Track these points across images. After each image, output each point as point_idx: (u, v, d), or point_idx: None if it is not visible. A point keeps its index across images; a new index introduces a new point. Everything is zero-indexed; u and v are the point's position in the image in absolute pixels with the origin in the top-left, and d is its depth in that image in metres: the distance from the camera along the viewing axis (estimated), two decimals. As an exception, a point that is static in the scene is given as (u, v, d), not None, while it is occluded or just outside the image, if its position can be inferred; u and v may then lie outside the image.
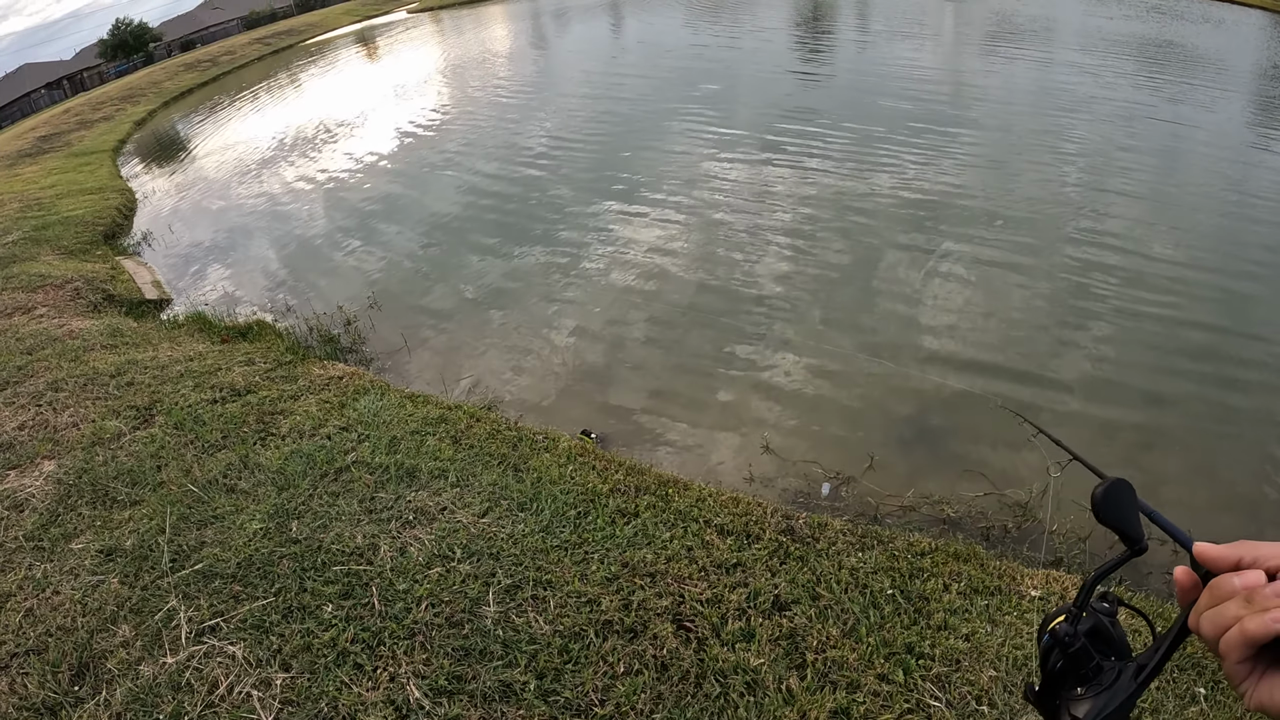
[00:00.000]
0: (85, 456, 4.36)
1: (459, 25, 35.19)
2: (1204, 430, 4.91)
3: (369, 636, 2.92)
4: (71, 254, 9.42)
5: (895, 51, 17.72)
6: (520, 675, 2.73)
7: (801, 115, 12.43)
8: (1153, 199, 8.49)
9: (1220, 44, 18.69)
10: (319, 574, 3.27)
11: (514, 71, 20.62)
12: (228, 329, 6.52)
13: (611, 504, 3.66)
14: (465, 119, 15.15)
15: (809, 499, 4.34)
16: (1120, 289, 6.47)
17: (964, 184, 8.99)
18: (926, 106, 12.47)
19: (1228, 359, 5.56)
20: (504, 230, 8.98)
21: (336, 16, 50.69)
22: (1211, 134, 11.03)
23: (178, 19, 65.50)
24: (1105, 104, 12.31)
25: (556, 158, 11.64)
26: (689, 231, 8.28)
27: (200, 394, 4.98)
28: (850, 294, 6.72)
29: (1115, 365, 5.52)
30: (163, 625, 3.08)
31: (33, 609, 3.27)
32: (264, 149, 15.64)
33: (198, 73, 33.76)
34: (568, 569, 3.23)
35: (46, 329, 6.49)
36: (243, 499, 3.85)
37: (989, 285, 6.67)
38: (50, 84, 53.02)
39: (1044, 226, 7.78)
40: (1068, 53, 16.73)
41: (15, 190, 14.27)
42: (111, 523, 3.76)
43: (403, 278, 8.07)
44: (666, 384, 5.64)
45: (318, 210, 11.05)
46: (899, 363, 5.62)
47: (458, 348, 6.41)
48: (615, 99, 15.25)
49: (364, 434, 4.36)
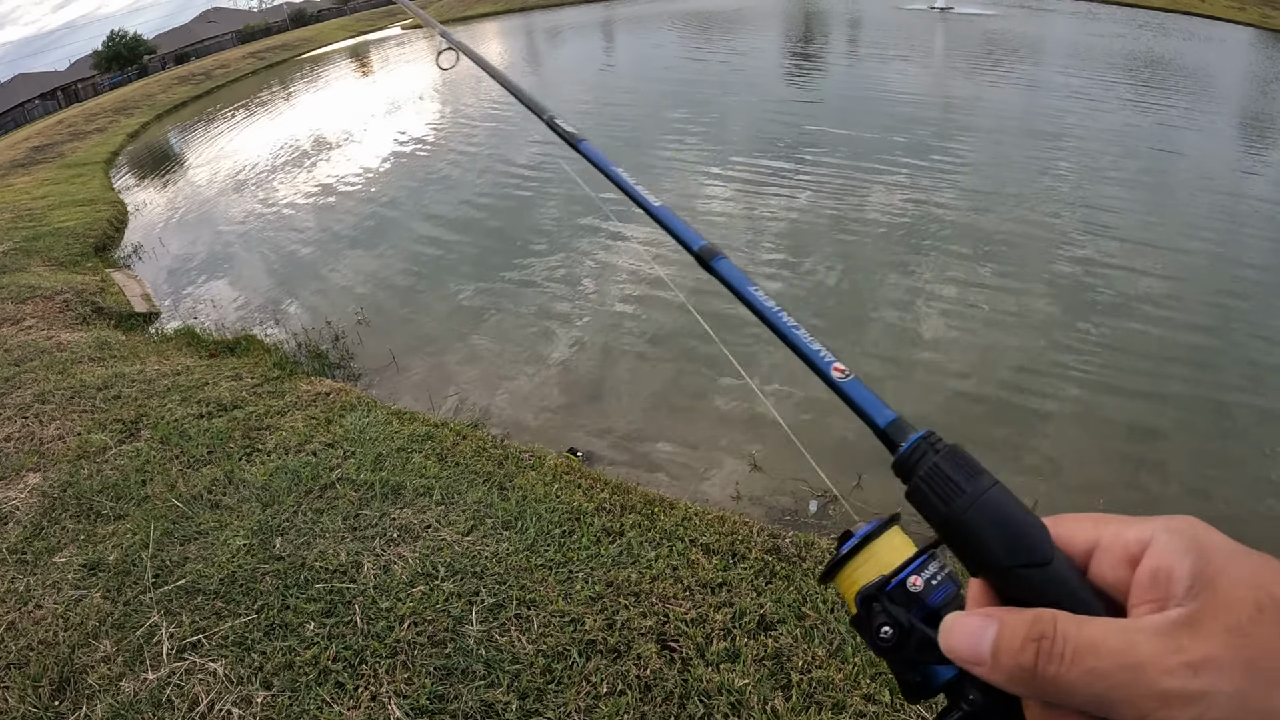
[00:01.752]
0: (71, 470, 4.35)
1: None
2: (1200, 451, 4.94)
3: (351, 655, 2.91)
4: (62, 266, 9.40)
5: (886, 71, 17.86)
6: (503, 695, 2.72)
7: (793, 134, 12.50)
8: (1146, 217, 8.57)
9: (1213, 59, 18.91)
10: (302, 591, 3.26)
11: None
12: (216, 343, 6.51)
13: (597, 523, 3.66)
14: (456, 135, 15.19)
15: (796, 517, 4.34)
16: (1113, 305, 6.52)
17: (955, 203, 9.06)
18: (918, 125, 12.56)
19: (1222, 383, 5.61)
20: (493, 247, 9.00)
21: (330, 32, 50.92)
22: (1202, 151, 11.15)
23: (172, 32, 65.76)
24: (1099, 119, 12.44)
25: (547, 175, 11.67)
26: (678, 250, 8.29)
27: (187, 408, 4.97)
28: (839, 312, 6.75)
29: (1107, 382, 5.56)
30: (144, 641, 3.06)
31: (14, 622, 3.25)
32: (256, 163, 15.65)
33: (191, 86, 33.84)
34: (552, 588, 3.23)
35: (35, 341, 6.48)
36: (227, 515, 3.83)
37: (978, 305, 6.71)
38: (44, 94, 53.09)
39: (1032, 248, 7.84)
40: (1060, 70, 16.91)
41: (7, 201, 14.25)
42: (95, 537, 3.75)
43: (392, 293, 8.08)
44: (654, 403, 5.65)
45: (308, 225, 11.05)
46: (887, 378, 5.64)
47: (445, 364, 6.41)
48: (608, 116, 15.31)
49: (349, 450, 4.36)
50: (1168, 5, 30.88)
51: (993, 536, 0.48)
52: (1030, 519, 0.48)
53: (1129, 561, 0.44)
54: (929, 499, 0.51)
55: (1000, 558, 0.47)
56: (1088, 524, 0.48)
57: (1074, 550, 0.47)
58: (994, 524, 0.48)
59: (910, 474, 0.54)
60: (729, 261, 0.78)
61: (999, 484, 0.50)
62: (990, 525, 0.48)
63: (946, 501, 0.50)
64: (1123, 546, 0.45)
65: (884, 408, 0.60)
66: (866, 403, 0.61)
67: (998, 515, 0.48)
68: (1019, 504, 0.49)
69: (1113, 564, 0.45)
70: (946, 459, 0.52)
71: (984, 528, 0.48)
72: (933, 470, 0.52)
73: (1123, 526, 0.46)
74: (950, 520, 0.49)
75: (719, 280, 0.77)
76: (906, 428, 0.57)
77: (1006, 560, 0.47)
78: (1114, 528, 0.46)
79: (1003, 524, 0.48)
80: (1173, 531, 0.43)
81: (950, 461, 0.52)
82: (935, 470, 0.52)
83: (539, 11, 44.92)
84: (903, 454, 0.55)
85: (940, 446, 0.54)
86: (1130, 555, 0.44)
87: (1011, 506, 0.49)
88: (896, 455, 0.56)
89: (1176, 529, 0.43)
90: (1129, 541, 0.45)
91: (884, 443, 0.59)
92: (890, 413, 0.59)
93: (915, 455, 0.54)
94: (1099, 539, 0.47)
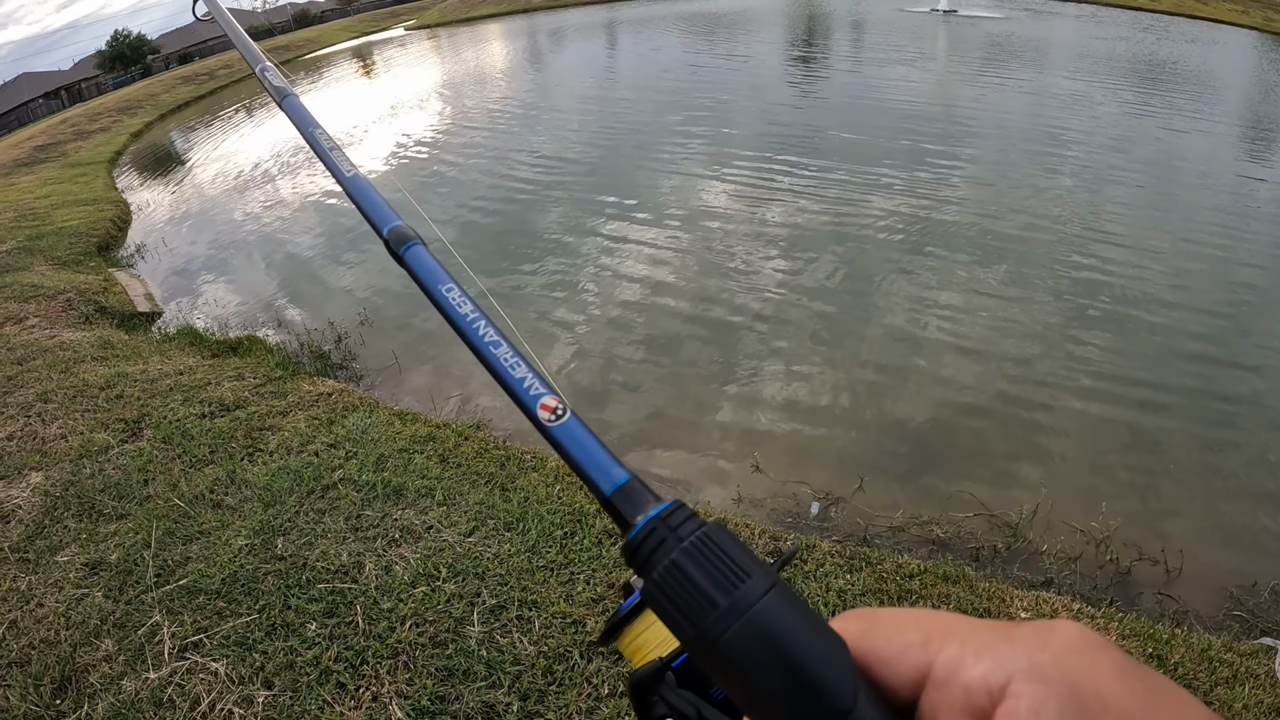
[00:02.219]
0: (73, 469, 4.35)
1: (456, 43, 35.40)
2: (1201, 464, 4.93)
3: (352, 655, 2.92)
4: (65, 265, 9.41)
5: (889, 74, 17.87)
6: (504, 696, 2.72)
7: (798, 137, 12.51)
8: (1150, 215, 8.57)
9: (1216, 63, 18.90)
10: (303, 591, 3.27)
11: (508, 90, 20.71)
12: (218, 343, 6.51)
13: (599, 524, 3.66)
14: (458, 136, 15.19)
15: (798, 519, 4.34)
16: (1115, 312, 6.52)
17: (957, 208, 9.06)
18: (921, 129, 12.56)
19: (1225, 394, 5.61)
20: (495, 248, 9.00)
21: (334, 33, 51.04)
22: (1205, 155, 11.14)
23: (176, 32, 65.84)
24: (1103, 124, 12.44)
25: (549, 177, 11.68)
26: (682, 255, 8.32)
27: (189, 408, 4.98)
28: (843, 316, 6.75)
29: (1109, 390, 5.56)
30: (146, 640, 3.07)
31: (16, 621, 3.25)
32: (259, 163, 15.66)
33: (195, 86, 33.90)
34: (553, 589, 3.23)
35: (37, 340, 6.49)
36: (229, 515, 3.84)
37: (983, 308, 6.70)
38: (48, 94, 53.22)
39: (1036, 255, 7.83)
40: (1066, 74, 16.90)
41: (10, 200, 14.27)
42: (97, 536, 3.76)
43: (395, 294, 8.07)
44: (656, 404, 5.65)
45: (311, 225, 11.07)
46: (890, 383, 5.64)
47: (447, 365, 6.41)
48: (610, 118, 15.33)
49: (352, 451, 4.36)
50: (1171, 8, 30.93)
51: (765, 677, 0.33)
52: (821, 646, 0.34)
53: (971, 715, 0.30)
54: (668, 611, 0.36)
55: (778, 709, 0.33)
56: (913, 636, 0.34)
57: (896, 673, 0.34)
58: (766, 659, 0.33)
59: (644, 568, 0.38)
60: (426, 251, 0.65)
61: (777, 585, 0.35)
62: (760, 659, 0.33)
63: (692, 619, 0.35)
64: (963, 690, 0.31)
65: (613, 464, 0.46)
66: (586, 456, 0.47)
67: (771, 644, 0.33)
68: (806, 617, 0.35)
69: (950, 711, 0.31)
70: (695, 552, 0.37)
71: (750, 661, 0.33)
72: (672, 570, 0.36)
73: (965, 653, 0.32)
74: (699, 645, 0.35)
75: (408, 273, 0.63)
76: (643, 496, 0.43)
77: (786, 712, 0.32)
78: (952, 652, 0.32)
79: (779, 660, 0.33)
80: (1038, 682, 0.29)
81: (700, 556, 0.36)
82: (675, 570, 0.36)
83: (542, 13, 45.00)
84: (633, 538, 0.40)
85: (686, 530, 0.38)
86: (973, 707, 0.30)
87: (792, 628, 0.34)
88: (626, 537, 0.41)
89: (1044, 677, 0.29)
90: (971, 685, 0.31)
91: (611, 515, 0.44)
92: (621, 471, 0.45)
93: (650, 542, 0.39)
94: (930, 666, 0.33)
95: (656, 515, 0.40)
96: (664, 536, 0.38)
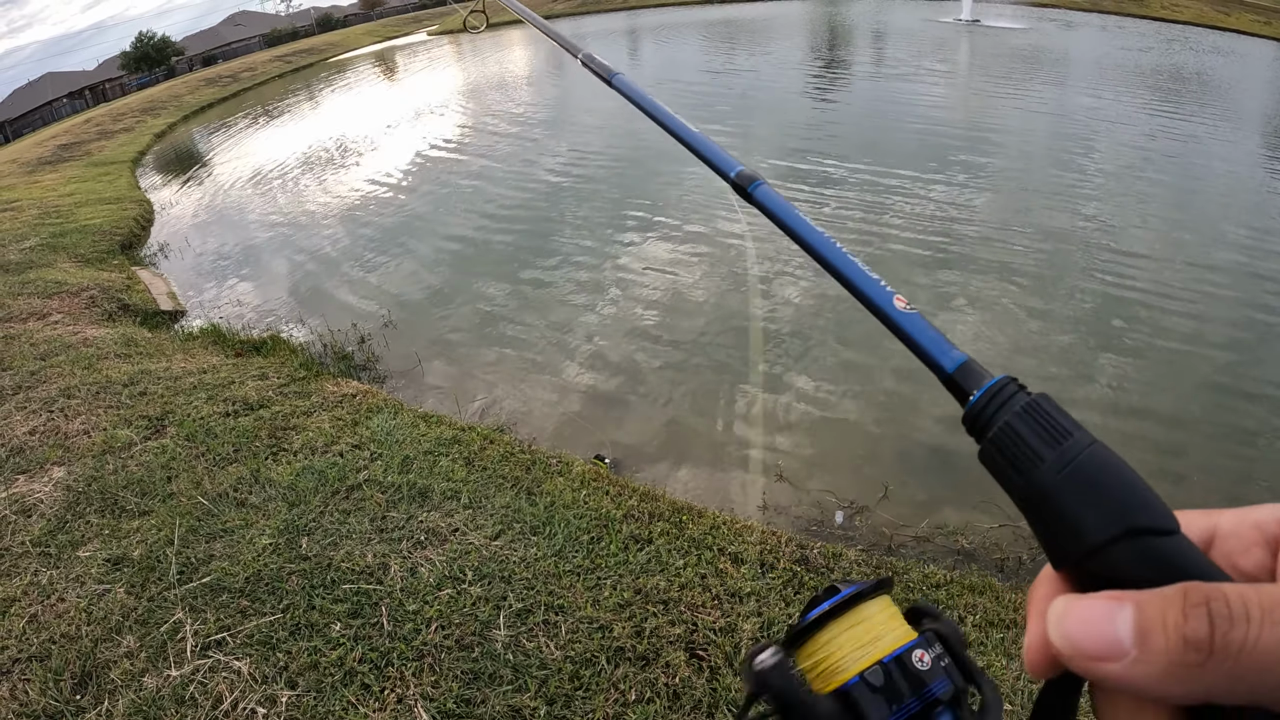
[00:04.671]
0: (95, 464, 4.34)
1: (479, 49, 35.50)
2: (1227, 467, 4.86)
3: (377, 657, 2.88)
4: (88, 262, 9.47)
5: (913, 85, 17.81)
6: (530, 700, 2.68)
7: (818, 145, 12.48)
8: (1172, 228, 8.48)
9: (1239, 74, 18.75)
10: (328, 592, 3.23)
11: (531, 96, 20.78)
12: (241, 342, 6.52)
13: (625, 530, 3.62)
14: (483, 142, 15.24)
15: (823, 528, 4.29)
16: (1142, 320, 6.44)
17: (980, 216, 8.99)
18: (945, 139, 12.50)
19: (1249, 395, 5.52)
20: (520, 254, 8.99)
21: (357, 37, 51.44)
22: (1230, 167, 11.03)
23: (200, 34, 66.51)
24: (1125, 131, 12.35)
25: (573, 183, 11.69)
26: (705, 261, 8.28)
27: (213, 406, 4.97)
28: (865, 324, 6.68)
29: (1137, 394, 5.48)
30: (168, 637, 3.04)
31: (37, 615, 3.24)
32: (282, 165, 15.75)
33: (218, 88, 34.19)
34: (580, 594, 3.19)
35: (61, 335, 6.50)
36: (253, 513, 3.82)
37: (1005, 316, 6.64)
38: (72, 93, 53.80)
39: (1058, 269, 7.76)
40: (1089, 86, 16.80)
41: (35, 197, 14.39)
42: (120, 532, 3.74)
43: (418, 297, 8.08)
44: (681, 411, 5.61)
45: (334, 227, 11.10)
46: (912, 393, 5.58)
47: (471, 369, 6.39)
48: (634, 124, 15.31)
49: (376, 452, 4.34)
50: (1194, 19, 30.76)
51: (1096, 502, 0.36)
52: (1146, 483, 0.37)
53: (1265, 544, 0.36)
54: (1002, 467, 0.41)
55: (1107, 526, 0.36)
56: (1194, 515, 0.39)
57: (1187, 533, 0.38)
58: (1095, 487, 0.37)
59: (981, 433, 0.43)
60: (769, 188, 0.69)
61: (1097, 443, 0.39)
62: (1089, 491, 0.37)
63: (1023, 471, 0.39)
64: (1253, 527, 0.37)
65: (951, 348, 0.49)
66: (930, 342, 0.50)
67: (1100, 477, 0.37)
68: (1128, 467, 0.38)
69: (1243, 548, 0.37)
70: (1025, 415, 0.41)
71: (1079, 496, 0.37)
72: (1005, 430, 0.41)
73: (1242, 511, 0.38)
74: (1030, 496, 0.39)
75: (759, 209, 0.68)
76: (979, 372, 0.47)
77: (1117, 526, 0.36)
78: (1231, 514, 0.38)
79: (1109, 485, 0.37)
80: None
81: (1030, 417, 0.41)
82: (1008, 431, 0.41)
83: (564, 19, 45.16)
84: (972, 406, 0.44)
85: (1018, 398, 0.42)
86: (1267, 536, 0.36)
87: (1119, 466, 0.38)
88: (966, 408, 0.45)
89: None
90: (1261, 521, 0.37)
91: (951, 391, 0.48)
92: (958, 354, 0.48)
93: (988, 409, 0.43)
94: (1215, 526, 0.38)
95: (989, 388, 0.44)
96: (999, 402, 0.43)
